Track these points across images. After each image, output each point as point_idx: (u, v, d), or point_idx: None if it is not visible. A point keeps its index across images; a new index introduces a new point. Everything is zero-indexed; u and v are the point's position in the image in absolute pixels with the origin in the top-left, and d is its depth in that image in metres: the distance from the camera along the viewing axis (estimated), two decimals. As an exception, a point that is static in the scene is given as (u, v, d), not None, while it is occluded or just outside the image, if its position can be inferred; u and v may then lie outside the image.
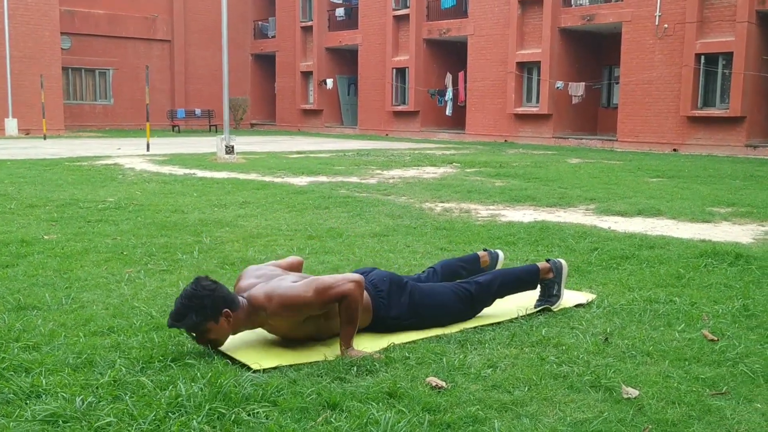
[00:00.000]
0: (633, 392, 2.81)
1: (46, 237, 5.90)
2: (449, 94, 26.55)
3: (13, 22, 24.65)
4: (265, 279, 3.39)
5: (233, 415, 2.49)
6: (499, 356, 3.19)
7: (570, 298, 4.14)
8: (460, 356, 3.18)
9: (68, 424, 2.41)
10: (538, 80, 23.56)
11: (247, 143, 21.51)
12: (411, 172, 12.21)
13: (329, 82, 31.40)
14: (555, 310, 3.94)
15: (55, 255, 5.20)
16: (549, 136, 23.41)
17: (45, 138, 22.31)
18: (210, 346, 3.20)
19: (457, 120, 27.20)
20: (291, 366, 3.05)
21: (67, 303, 3.96)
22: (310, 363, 3.09)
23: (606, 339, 3.44)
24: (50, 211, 7.39)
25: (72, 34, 30.51)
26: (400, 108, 28.23)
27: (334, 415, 2.54)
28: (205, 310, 3.09)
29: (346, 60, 31.67)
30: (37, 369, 2.91)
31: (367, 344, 3.35)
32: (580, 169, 13.13)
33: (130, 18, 32.09)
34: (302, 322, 3.28)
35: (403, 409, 2.59)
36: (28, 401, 2.62)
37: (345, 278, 3.28)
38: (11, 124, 24.33)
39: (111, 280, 4.51)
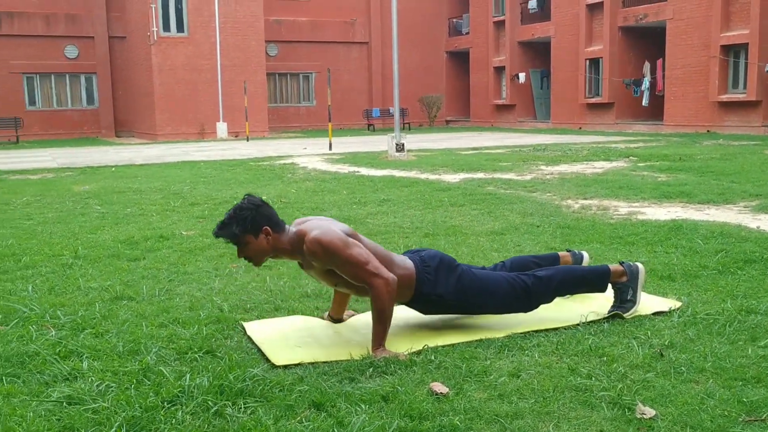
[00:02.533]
0: (649, 412, 2.55)
1: (184, 233, 6.42)
2: (645, 84, 25.06)
3: (224, 34, 26.86)
4: (322, 220, 3.45)
5: (217, 408, 2.59)
6: (530, 365, 3.02)
7: (650, 304, 3.80)
8: (486, 362, 3.06)
9: (72, 406, 2.65)
10: (746, 64, 21.53)
11: (429, 140, 21.79)
12: (576, 168, 11.72)
13: (522, 76, 30.90)
14: (627, 317, 3.64)
15: (180, 250, 5.65)
16: (758, 124, 21.32)
17: (247, 140, 24.06)
18: (252, 262, 3.34)
19: (655, 111, 25.60)
20: (312, 363, 3.10)
21: (159, 295, 4.30)
22: (332, 361, 3.12)
23: (661, 353, 3.12)
24: (206, 209, 8.01)
25: (279, 41, 32.65)
26: (594, 100, 27.12)
27: (312, 415, 2.56)
28: (246, 223, 3.23)
29: (538, 53, 30.99)
30: (87, 354, 3.21)
31: (404, 344, 3.32)
32: (772, 161, 11.86)
33: (331, 23, 33.68)
34: (328, 272, 3.33)
35: (385, 414, 2.55)
36: (63, 383, 2.90)
37: (380, 271, 3.25)
38: (221, 128, 26.55)
39: (212, 274, 4.82)
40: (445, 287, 3.48)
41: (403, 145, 14.33)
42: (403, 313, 3.82)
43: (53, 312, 3.90)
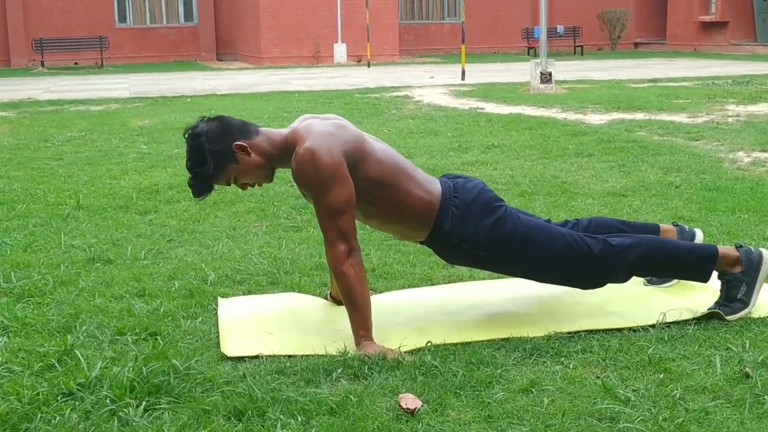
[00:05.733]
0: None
1: (221, 181, 6.51)
2: None
3: (346, -68, 26.96)
4: (326, 124, 3.25)
5: (115, 408, 2.57)
6: (555, 377, 2.80)
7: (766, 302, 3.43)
8: (498, 370, 2.86)
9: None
10: None
11: (598, 68, 21.14)
12: (778, 108, 10.91)
13: (738, -17, 29.02)
14: (730, 320, 3.29)
15: (205, 202, 5.66)
16: None
17: (369, 65, 24.19)
18: (263, 183, 3.35)
19: None
20: (270, 357, 3.03)
21: (144, 258, 4.39)
22: (298, 356, 3.03)
23: (747, 372, 2.79)
24: (267, 151, 8.09)
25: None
26: (837, 16, 25.05)
27: (226, 427, 2.48)
28: (210, 158, 3.12)
29: (763, -49, 28.93)
30: (12, 328, 3.31)
31: (404, 336, 3.18)
32: None
33: None
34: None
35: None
36: (-36, 362, 2.99)
37: (347, 236, 3.09)
38: (340, 51, 26.78)
39: (223, 235, 4.87)
40: (473, 231, 3.24)
41: (549, 74, 13.90)
42: (417, 295, 3.73)
43: (8, 274, 4.04)
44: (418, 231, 3.33)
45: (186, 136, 3.21)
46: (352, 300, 3.11)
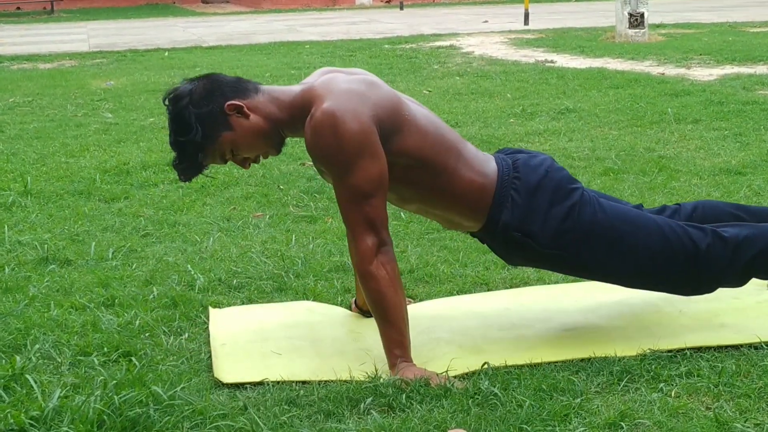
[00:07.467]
0: None
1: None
2: None
3: None
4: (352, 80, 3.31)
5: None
6: (653, 409, 2.85)
7: None
8: (576, 400, 2.90)
9: None
10: None
11: (707, 7, 21.03)
12: None
13: None
14: None
15: (189, 186, 5.76)
16: None
17: (401, 7, 24.27)
18: (267, 155, 3.36)
19: None
20: (278, 383, 3.08)
21: (113, 258, 4.50)
22: (314, 382, 3.08)
23: None
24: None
25: None
26: None
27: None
28: (196, 126, 3.15)
29: None
30: (-56, 348, 3.38)
31: (457, 356, 3.24)
32: None
33: None
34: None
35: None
36: None
37: (377, 227, 3.12)
38: (362, -12, 26.93)
39: (215, 227, 4.99)
40: (541, 222, 3.25)
41: (641, 16, 13.83)
42: (469, 303, 3.79)
43: (-61, 280, 4.15)
44: (468, 220, 3.37)
45: (166, 102, 3.25)
46: (382, 310, 3.14)
